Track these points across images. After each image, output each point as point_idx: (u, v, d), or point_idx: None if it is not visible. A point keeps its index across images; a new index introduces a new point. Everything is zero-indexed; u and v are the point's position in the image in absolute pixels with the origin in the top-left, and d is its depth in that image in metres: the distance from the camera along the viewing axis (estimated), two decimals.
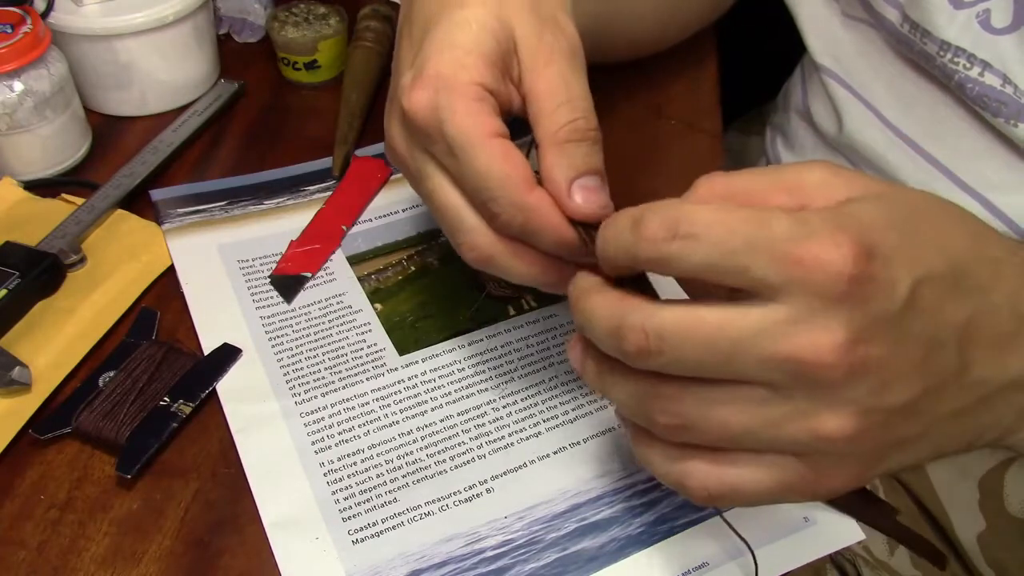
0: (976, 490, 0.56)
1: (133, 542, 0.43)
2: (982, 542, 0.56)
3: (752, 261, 0.28)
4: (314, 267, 0.56)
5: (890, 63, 0.56)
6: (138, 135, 0.65)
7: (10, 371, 0.47)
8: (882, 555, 0.58)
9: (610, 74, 0.66)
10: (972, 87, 0.49)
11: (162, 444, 0.46)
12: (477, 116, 0.37)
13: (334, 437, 0.47)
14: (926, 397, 0.30)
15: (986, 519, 0.56)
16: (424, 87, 0.37)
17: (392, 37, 0.69)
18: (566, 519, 0.44)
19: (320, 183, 0.62)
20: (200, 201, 0.60)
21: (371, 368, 0.51)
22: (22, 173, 0.60)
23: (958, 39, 0.49)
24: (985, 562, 0.56)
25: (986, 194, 0.52)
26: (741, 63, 0.76)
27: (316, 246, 0.57)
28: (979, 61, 0.49)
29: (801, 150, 0.66)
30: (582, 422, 0.48)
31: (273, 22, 0.69)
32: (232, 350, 0.50)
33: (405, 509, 0.44)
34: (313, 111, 0.68)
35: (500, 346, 0.52)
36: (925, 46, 0.50)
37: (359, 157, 0.63)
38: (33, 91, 0.57)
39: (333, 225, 0.58)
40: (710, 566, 0.43)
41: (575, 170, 0.37)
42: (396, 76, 0.41)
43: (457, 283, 0.55)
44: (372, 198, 0.61)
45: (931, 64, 0.51)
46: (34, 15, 0.58)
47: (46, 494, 0.45)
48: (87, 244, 0.56)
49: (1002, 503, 0.56)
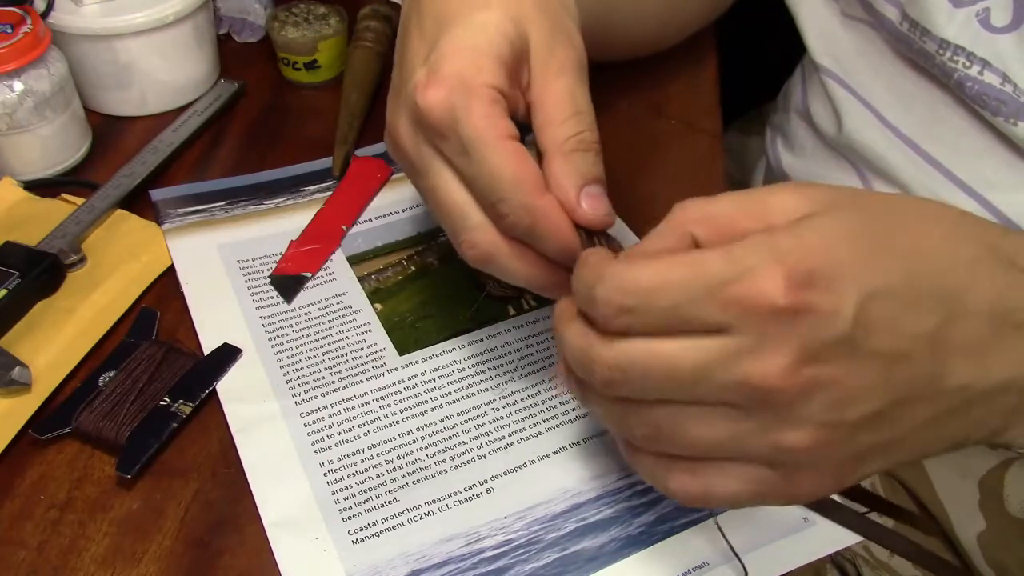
0: (976, 490, 0.56)
1: (133, 542, 0.43)
2: (982, 542, 0.56)
3: (696, 311, 0.29)
4: (314, 267, 0.56)
5: (889, 63, 0.56)
6: (138, 135, 0.65)
7: (10, 371, 0.47)
8: (882, 555, 0.58)
9: (610, 73, 0.66)
10: (971, 85, 0.49)
11: (162, 444, 0.46)
12: (492, 118, 0.38)
13: (334, 437, 0.47)
14: (896, 407, 0.30)
15: (986, 519, 0.56)
16: (440, 85, 0.38)
17: (392, 37, 0.69)
18: (566, 519, 0.44)
19: (320, 183, 0.62)
20: (200, 201, 0.60)
21: (371, 368, 0.51)
22: (22, 173, 0.60)
23: (957, 37, 0.49)
24: (985, 562, 0.56)
25: (985, 194, 0.52)
26: (741, 63, 0.76)
27: (316, 246, 0.57)
28: (978, 59, 0.49)
29: (801, 150, 0.66)
30: (582, 422, 0.48)
31: (273, 22, 0.69)
32: (232, 350, 0.50)
33: (405, 509, 0.44)
34: (313, 111, 0.68)
35: (500, 346, 0.52)
36: (924, 44, 0.50)
37: (359, 157, 0.63)
38: (33, 91, 0.57)
39: (333, 225, 0.58)
40: (710, 566, 0.43)
41: (582, 178, 0.39)
42: (405, 69, 0.41)
43: (457, 283, 0.55)
44: (372, 198, 0.61)
45: (930, 63, 0.51)
46: (34, 15, 0.58)
47: (46, 494, 0.45)
48: (87, 244, 0.56)
49: (1002, 503, 0.56)
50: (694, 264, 0.30)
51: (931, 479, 0.58)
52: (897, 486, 0.60)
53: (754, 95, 0.84)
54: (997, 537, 0.56)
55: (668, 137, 0.66)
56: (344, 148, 0.63)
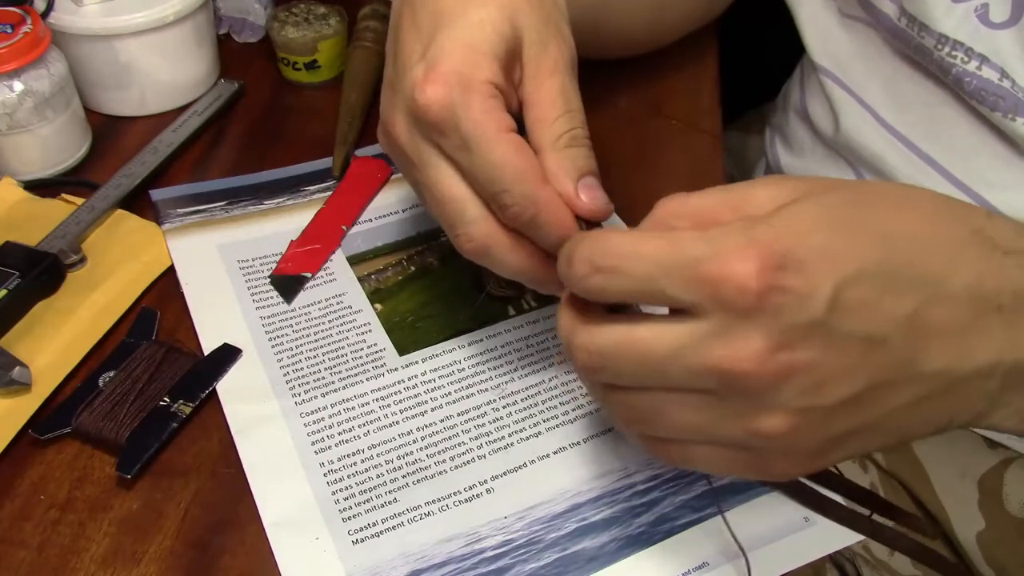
0: (975, 490, 0.56)
1: (133, 542, 0.43)
2: (981, 542, 0.56)
3: (667, 285, 0.30)
4: (314, 267, 0.56)
5: (887, 62, 0.56)
6: (138, 135, 0.65)
7: (10, 371, 0.47)
8: (882, 555, 0.58)
9: (611, 72, 0.66)
10: (970, 80, 0.49)
11: (162, 444, 0.46)
12: (492, 112, 0.39)
13: (334, 437, 0.47)
14: (873, 391, 0.30)
15: (985, 519, 0.56)
16: (439, 83, 0.38)
17: None
18: (566, 519, 0.44)
19: (320, 183, 0.62)
20: (200, 201, 0.60)
21: (371, 368, 0.51)
22: (22, 173, 0.60)
23: (956, 32, 0.49)
24: (984, 561, 0.56)
25: (983, 192, 0.52)
26: (741, 63, 0.76)
27: (316, 246, 0.57)
28: (977, 55, 0.49)
29: (800, 150, 0.66)
30: (582, 422, 0.48)
31: (273, 22, 0.69)
32: (232, 350, 0.50)
33: (405, 509, 0.44)
34: (313, 111, 0.68)
35: (500, 346, 0.52)
36: (923, 40, 0.50)
37: (359, 157, 0.63)
38: (33, 91, 0.57)
39: (333, 225, 0.58)
40: (710, 566, 0.43)
41: (578, 171, 0.40)
42: (399, 65, 0.41)
43: (457, 283, 0.55)
44: (372, 198, 0.61)
45: (928, 59, 0.51)
46: (34, 15, 0.58)
47: (46, 494, 0.45)
48: (87, 244, 0.56)
49: (1001, 503, 0.56)
50: (670, 240, 0.30)
51: (930, 478, 0.58)
52: (897, 486, 0.60)
53: (754, 95, 0.84)
54: (996, 536, 0.56)
55: (668, 136, 0.66)
56: (344, 148, 0.63)
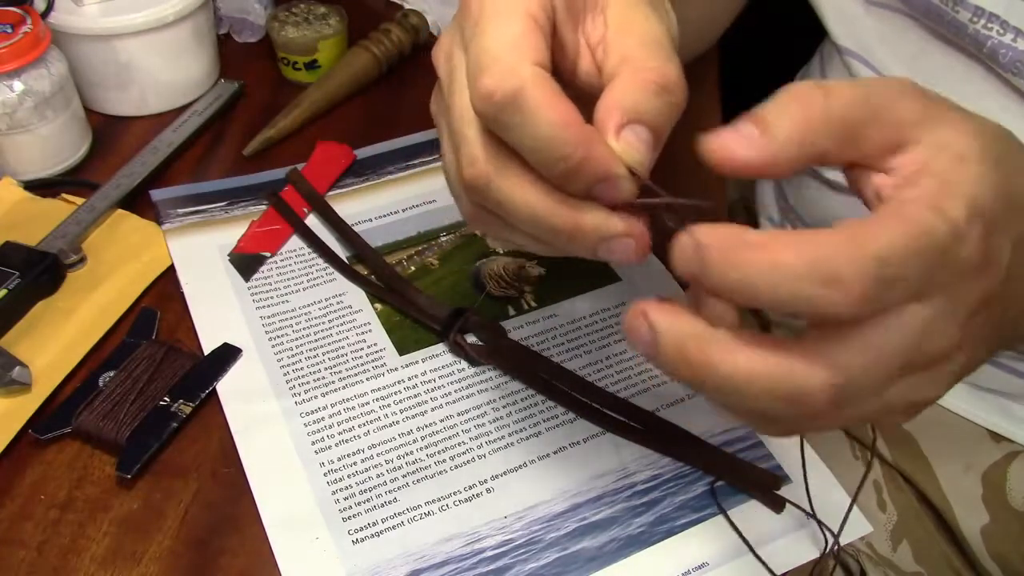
0: (979, 484, 0.56)
1: (133, 542, 0.43)
2: (985, 535, 0.56)
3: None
4: (273, 247, 0.56)
5: (914, 44, 0.56)
6: (138, 135, 0.65)
7: (10, 371, 0.47)
8: (885, 551, 0.58)
9: None
10: (1005, 52, 0.49)
11: (162, 444, 0.46)
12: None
13: (334, 437, 0.47)
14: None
15: (989, 513, 0.56)
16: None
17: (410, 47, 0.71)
18: (566, 519, 0.44)
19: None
20: (200, 201, 0.60)
21: (371, 368, 0.51)
22: (22, 173, 0.60)
23: (992, 5, 0.49)
24: (988, 555, 0.56)
25: None
26: (742, 63, 0.76)
27: (276, 227, 0.58)
28: (1011, 28, 0.49)
29: None
30: (582, 422, 0.48)
31: (273, 22, 0.69)
32: (232, 350, 0.50)
33: (405, 509, 0.44)
34: None
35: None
36: (957, 14, 0.50)
37: (324, 142, 0.64)
38: (33, 91, 0.57)
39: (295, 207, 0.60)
40: (710, 566, 0.43)
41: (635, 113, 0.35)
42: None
43: (457, 283, 0.55)
44: (336, 182, 0.61)
45: (962, 34, 0.51)
46: (34, 15, 0.58)
47: (46, 494, 0.45)
48: (87, 244, 0.56)
49: (1005, 497, 0.56)
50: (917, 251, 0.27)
51: (935, 472, 0.58)
52: (901, 482, 0.60)
53: (754, 94, 0.84)
54: (1000, 530, 0.56)
55: (668, 136, 0.65)
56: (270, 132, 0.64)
